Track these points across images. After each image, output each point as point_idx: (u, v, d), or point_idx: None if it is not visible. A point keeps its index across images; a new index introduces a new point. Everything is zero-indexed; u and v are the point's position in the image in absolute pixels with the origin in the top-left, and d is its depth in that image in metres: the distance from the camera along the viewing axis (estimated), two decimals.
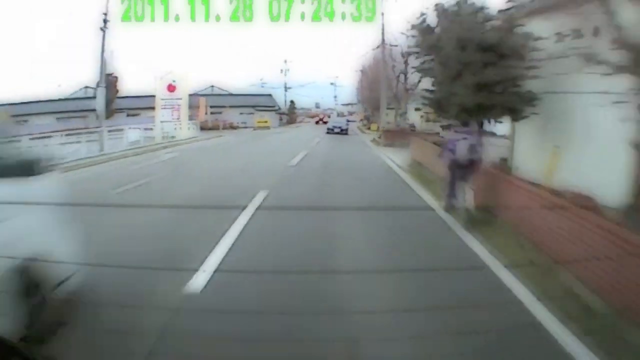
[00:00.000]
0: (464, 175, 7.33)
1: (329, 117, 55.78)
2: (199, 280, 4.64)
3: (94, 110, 46.34)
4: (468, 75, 9.49)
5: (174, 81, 32.37)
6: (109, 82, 47.91)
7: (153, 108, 33.16)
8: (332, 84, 76.56)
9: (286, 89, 63.70)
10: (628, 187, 6.16)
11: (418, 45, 12.47)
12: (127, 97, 40.28)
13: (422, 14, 11.60)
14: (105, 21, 23.31)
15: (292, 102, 67.04)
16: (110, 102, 46.40)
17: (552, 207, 5.72)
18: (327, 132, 37.57)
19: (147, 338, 3.44)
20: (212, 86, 62.42)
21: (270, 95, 59.05)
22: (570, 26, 8.57)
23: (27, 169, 3.41)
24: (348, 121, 43.56)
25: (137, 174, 12.71)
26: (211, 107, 45.25)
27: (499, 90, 9.67)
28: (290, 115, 64.26)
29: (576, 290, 4.59)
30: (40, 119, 40.14)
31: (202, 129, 36.34)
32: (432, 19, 11.62)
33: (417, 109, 31.97)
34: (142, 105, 41.18)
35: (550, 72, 9.78)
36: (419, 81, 18.77)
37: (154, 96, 33.18)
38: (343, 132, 37.89)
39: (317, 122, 61.71)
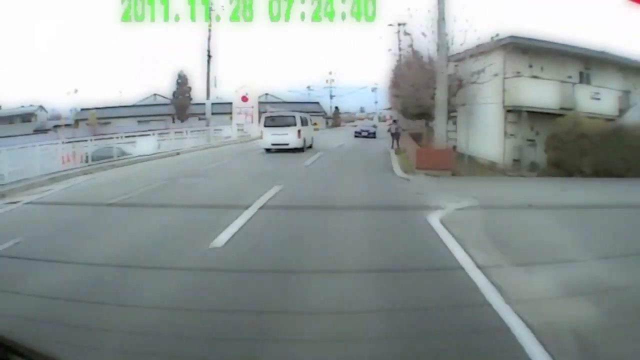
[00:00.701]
0: (396, 138, 21.06)
1: (372, 120, 68.32)
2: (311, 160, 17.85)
3: (169, 114, 60.71)
4: (413, 99, 21.77)
5: (246, 93, 45.63)
6: (184, 91, 62.09)
7: (222, 113, 45.76)
8: (373, 90, 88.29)
9: (331, 97, 76.62)
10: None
11: (394, 81, 25.08)
12: (198, 103, 53.53)
13: (398, 64, 24.04)
14: (209, 56, 36.71)
15: (336, 108, 79.78)
16: (185, 108, 60.60)
17: (418, 148, 18.24)
18: (355, 136, 41.58)
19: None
20: (267, 94, 75.94)
21: (317, 102, 72.29)
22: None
23: None
24: (374, 126, 49.85)
25: (242, 150, 25.79)
26: None
27: (429, 104, 21.77)
28: (334, 119, 76.90)
29: (413, 167, 16.94)
30: (122, 122, 53.20)
31: None
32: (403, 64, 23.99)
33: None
34: (212, 110, 54.42)
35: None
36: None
37: (222, 103, 45.98)
38: (370, 135, 42.16)
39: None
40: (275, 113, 24.68)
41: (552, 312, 4.66)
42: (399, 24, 27.50)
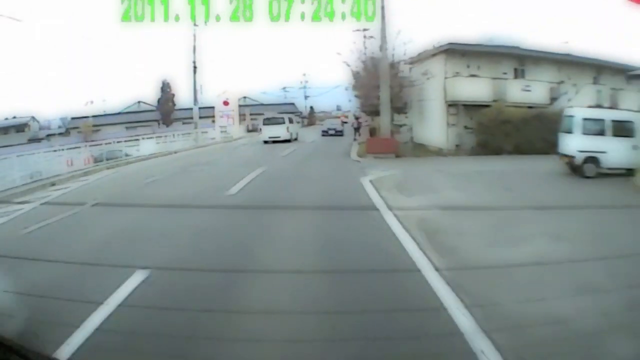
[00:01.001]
0: (357, 131, 26.89)
1: (347, 117, 72.88)
2: (287, 152, 22.43)
3: (155, 120, 64.39)
4: (369, 99, 26.47)
5: (227, 98, 49.97)
6: (169, 98, 66.07)
7: (205, 117, 49.38)
8: (346, 89, 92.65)
9: (306, 97, 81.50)
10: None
11: (354, 84, 29.90)
12: (181, 109, 57.65)
13: (357, 72, 28.65)
14: (195, 67, 41.01)
15: (311, 107, 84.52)
16: (170, 113, 64.55)
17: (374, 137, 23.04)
18: (322, 135, 42.13)
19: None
20: (245, 97, 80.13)
21: (293, 103, 77.07)
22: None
23: None
24: (343, 122, 53.57)
25: (228, 148, 30.36)
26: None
27: (377, 103, 26.42)
28: (309, 118, 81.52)
29: (365, 152, 21.67)
30: (111, 129, 55.88)
31: (247, 131, 54.26)
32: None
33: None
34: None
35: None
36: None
37: (204, 107, 49.54)
38: (338, 133, 42.23)
39: (342, 123, 79.01)
40: (270, 115, 33.81)
41: (415, 214, 9.38)
42: (364, 29, 32.52)
